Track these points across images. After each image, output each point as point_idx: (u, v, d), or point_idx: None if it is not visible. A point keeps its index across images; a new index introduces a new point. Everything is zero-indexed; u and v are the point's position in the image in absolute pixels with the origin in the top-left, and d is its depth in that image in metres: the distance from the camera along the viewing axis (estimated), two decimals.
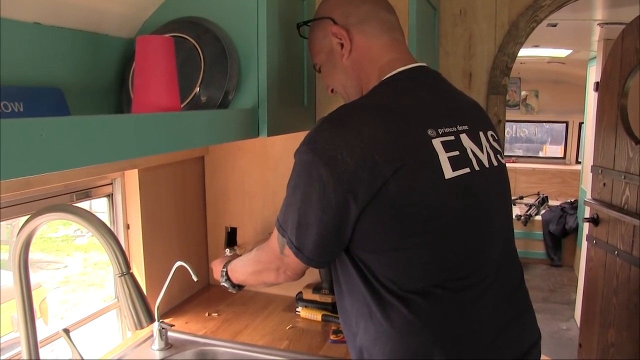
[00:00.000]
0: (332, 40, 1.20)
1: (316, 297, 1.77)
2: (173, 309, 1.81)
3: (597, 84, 3.05)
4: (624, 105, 2.50)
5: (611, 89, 2.63)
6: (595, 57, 4.17)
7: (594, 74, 4.08)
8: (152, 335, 1.54)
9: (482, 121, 1.20)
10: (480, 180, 1.08)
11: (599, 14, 3.45)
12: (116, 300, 1.66)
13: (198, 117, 1.14)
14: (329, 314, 1.72)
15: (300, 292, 1.81)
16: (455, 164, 1.03)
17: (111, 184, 1.62)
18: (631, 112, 2.47)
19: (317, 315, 1.72)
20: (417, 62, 1.17)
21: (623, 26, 2.61)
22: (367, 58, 1.18)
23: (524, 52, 2.50)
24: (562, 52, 4.88)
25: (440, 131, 1.04)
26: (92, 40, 1.25)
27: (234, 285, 1.41)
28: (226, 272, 1.41)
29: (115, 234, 1.66)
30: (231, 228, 2.00)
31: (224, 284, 1.42)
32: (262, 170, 1.92)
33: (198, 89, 1.27)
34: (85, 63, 1.24)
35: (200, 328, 1.66)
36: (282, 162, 1.89)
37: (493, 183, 1.14)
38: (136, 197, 1.64)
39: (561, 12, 2.13)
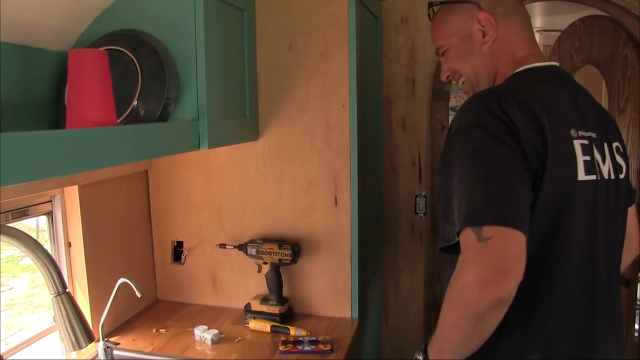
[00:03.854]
0: (474, 26, 1.19)
1: (264, 308, 1.76)
2: (120, 327, 1.76)
3: None
4: None
5: None
6: None
7: None
8: (97, 355, 1.50)
9: (611, 131, 1.18)
10: (601, 190, 1.07)
11: (538, 22, 3.58)
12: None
13: (135, 131, 1.13)
14: (278, 324, 1.71)
15: (249, 304, 1.80)
16: (587, 168, 1.03)
17: (50, 201, 1.58)
18: None
19: (266, 327, 1.71)
20: (551, 62, 1.17)
21: (559, 33, 2.72)
22: (507, 50, 1.18)
23: None
24: None
25: (580, 133, 1.05)
26: (25, 54, 1.22)
27: None
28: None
29: (56, 252, 1.62)
30: (177, 242, 1.97)
31: None
32: (206, 183, 1.90)
33: (136, 102, 1.26)
34: (18, 77, 1.21)
35: (147, 345, 1.63)
36: (226, 174, 1.88)
37: (611, 196, 1.12)
38: (77, 214, 1.60)
39: None
